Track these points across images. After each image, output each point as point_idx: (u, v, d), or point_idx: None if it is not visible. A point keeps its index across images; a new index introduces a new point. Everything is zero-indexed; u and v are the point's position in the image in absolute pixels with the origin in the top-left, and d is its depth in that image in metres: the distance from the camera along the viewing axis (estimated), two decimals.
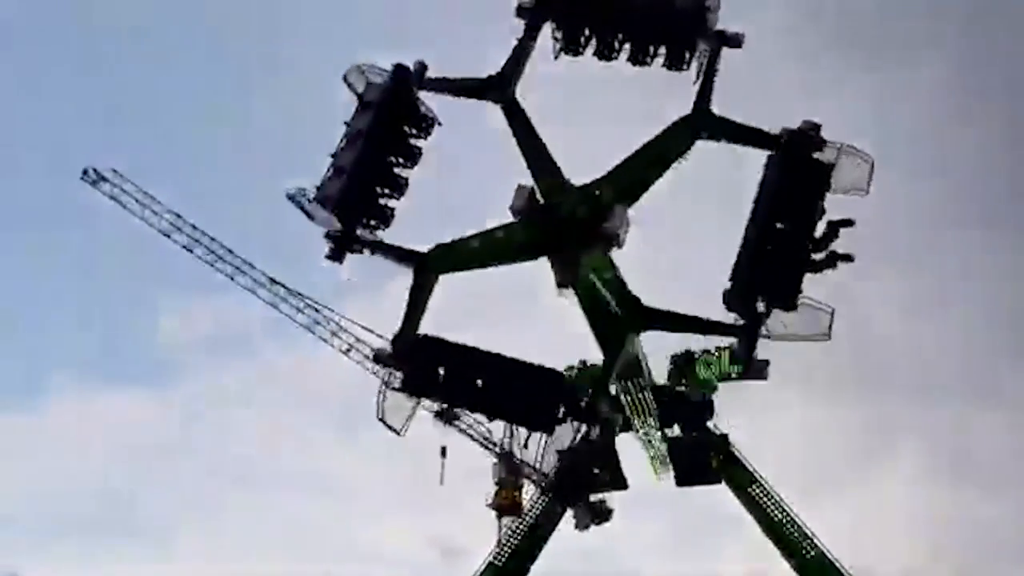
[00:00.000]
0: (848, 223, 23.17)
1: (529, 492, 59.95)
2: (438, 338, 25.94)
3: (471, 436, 66.08)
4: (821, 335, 22.00)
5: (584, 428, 25.42)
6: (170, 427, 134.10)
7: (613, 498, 50.53)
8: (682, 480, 24.27)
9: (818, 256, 22.60)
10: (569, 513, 57.28)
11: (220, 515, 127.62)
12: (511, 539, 24.20)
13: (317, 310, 59.75)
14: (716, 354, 24.72)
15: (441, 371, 25.60)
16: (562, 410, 24.00)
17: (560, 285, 24.56)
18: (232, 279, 56.86)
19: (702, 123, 26.12)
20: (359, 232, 25.76)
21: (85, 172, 50.43)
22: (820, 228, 23.10)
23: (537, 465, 61.85)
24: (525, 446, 65.48)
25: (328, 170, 26.04)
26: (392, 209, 26.92)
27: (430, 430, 64.70)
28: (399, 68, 26.55)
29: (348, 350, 60.70)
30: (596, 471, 25.06)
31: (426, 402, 64.61)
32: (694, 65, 26.94)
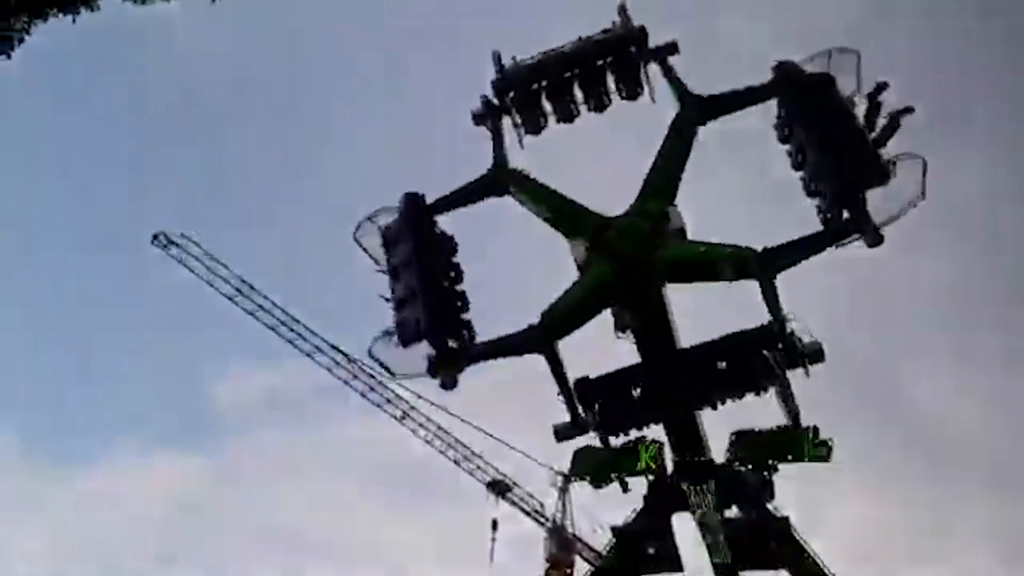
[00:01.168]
0: (908, 110, 23.38)
1: (581, 568, 58.74)
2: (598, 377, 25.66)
3: (522, 509, 65.21)
4: (917, 197, 22.37)
5: (641, 507, 24.75)
6: (223, 491, 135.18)
7: None
8: (740, 565, 23.41)
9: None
10: None
11: None
12: None
13: (373, 376, 60.03)
14: (779, 431, 24.10)
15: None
16: None
17: (620, 328, 24.67)
18: (292, 344, 57.65)
19: (695, 109, 27.08)
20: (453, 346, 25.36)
21: (155, 237, 52.02)
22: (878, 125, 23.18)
23: (590, 541, 60.88)
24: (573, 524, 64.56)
25: (395, 309, 25.89)
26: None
27: (481, 506, 64.24)
28: (410, 196, 27.96)
29: (403, 417, 60.79)
30: (651, 551, 24.25)
31: (478, 473, 64.48)
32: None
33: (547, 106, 29.30)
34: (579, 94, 29.01)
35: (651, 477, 24.72)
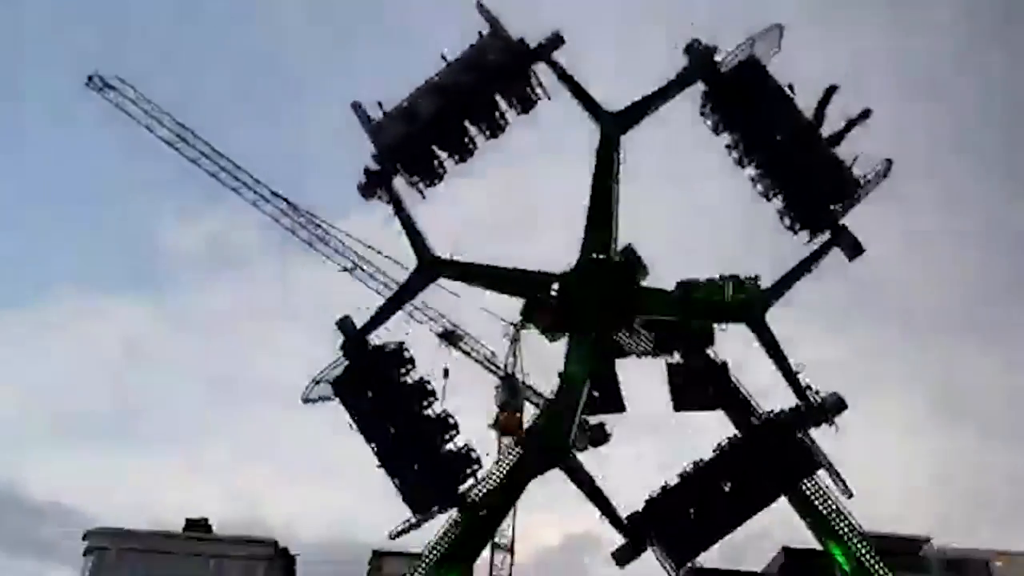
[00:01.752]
0: (865, 115, 22.20)
1: (530, 413, 60.67)
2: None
3: (474, 358, 66.54)
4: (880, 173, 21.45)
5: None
6: (166, 336, 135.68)
7: (612, 422, 51.24)
8: (680, 405, 24.17)
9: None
10: None
11: (210, 424, 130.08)
12: (507, 455, 24.27)
13: (319, 225, 59.49)
14: (721, 283, 24.46)
15: None
16: None
17: None
18: (237, 192, 56.62)
19: (612, 126, 25.51)
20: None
21: (90, 79, 49.75)
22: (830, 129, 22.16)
23: (539, 389, 62.64)
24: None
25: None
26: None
27: (432, 352, 65.36)
28: (346, 330, 26.44)
29: (352, 268, 60.68)
30: (596, 394, 24.95)
31: (434, 325, 65.21)
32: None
33: (440, 152, 26.88)
34: (471, 128, 26.53)
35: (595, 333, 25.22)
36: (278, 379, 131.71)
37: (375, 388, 24.87)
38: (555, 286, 24.30)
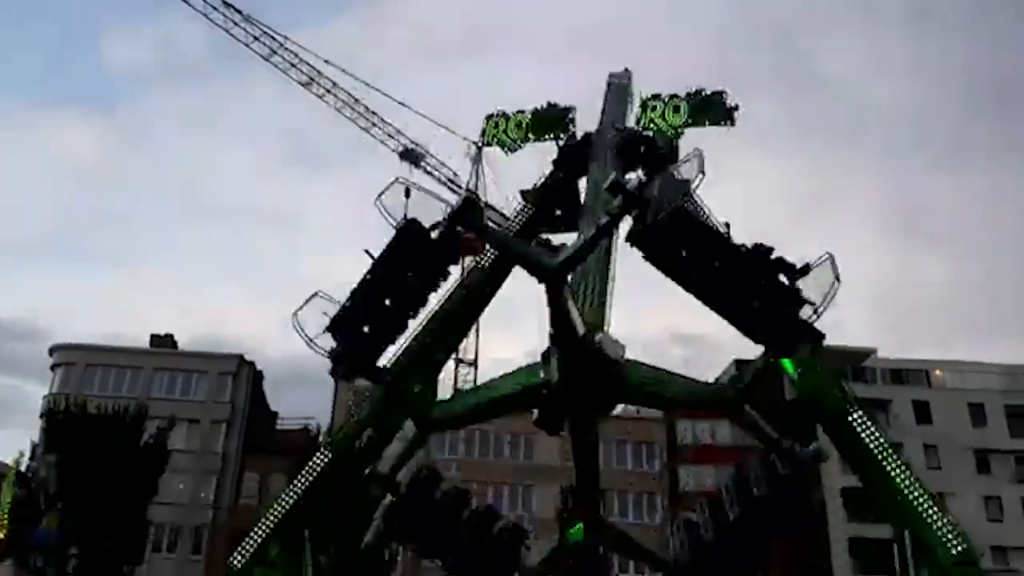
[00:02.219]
0: (805, 271, 19.03)
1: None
2: None
3: (437, 177, 66.16)
4: (835, 285, 19.40)
5: (550, 171, 24.97)
6: (117, 150, 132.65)
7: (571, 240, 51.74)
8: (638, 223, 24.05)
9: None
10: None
11: (169, 241, 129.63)
12: (469, 274, 24.38)
13: (273, 38, 57.31)
14: (685, 98, 23.97)
15: None
16: None
17: None
18: (186, 2, 54.02)
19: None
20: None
21: None
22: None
23: (502, 208, 62.72)
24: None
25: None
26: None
27: (393, 171, 64.75)
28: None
29: (308, 83, 58.99)
30: (558, 212, 24.81)
31: (394, 143, 64.10)
32: None
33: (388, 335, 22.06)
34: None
35: (561, 142, 24.85)
36: (235, 195, 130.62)
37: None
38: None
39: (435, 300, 22.63)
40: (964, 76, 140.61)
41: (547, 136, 24.56)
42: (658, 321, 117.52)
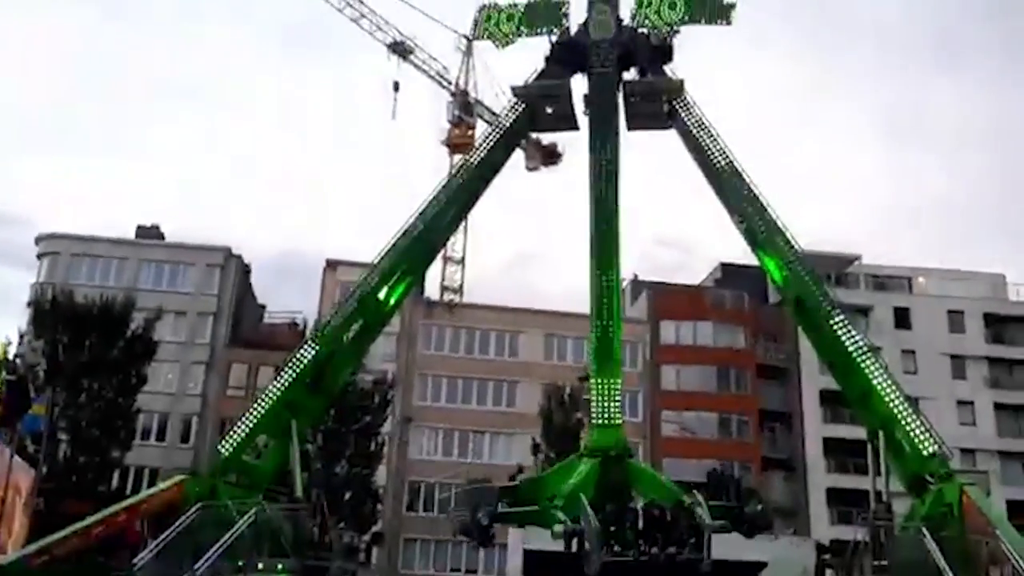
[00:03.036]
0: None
1: (481, 129, 60.30)
2: None
3: (426, 72, 64.85)
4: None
5: (541, 68, 24.51)
6: (103, 33, 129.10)
7: (564, 141, 51.25)
8: (633, 124, 23.93)
9: None
10: (521, 155, 59.03)
11: (155, 129, 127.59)
12: (460, 173, 24.26)
13: None
14: None
15: None
16: None
17: None
18: None
19: None
20: None
21: None
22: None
23: (491, 105, 61.81)
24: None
25: None
26: None
27: (382, 64, 63.42)
28: None
29: None
30: (549, 110, 24.51)
31: (379, 33, 62.61)
32: None
33: None
34: None
35: (554, 37, 24.29)
36: (227, 83, 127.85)
37: None
38: None
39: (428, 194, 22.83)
40: None
41: (540, 30, 24.06)
42: (642, 226, 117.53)
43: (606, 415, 21.30)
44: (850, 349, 19.94)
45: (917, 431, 18.63)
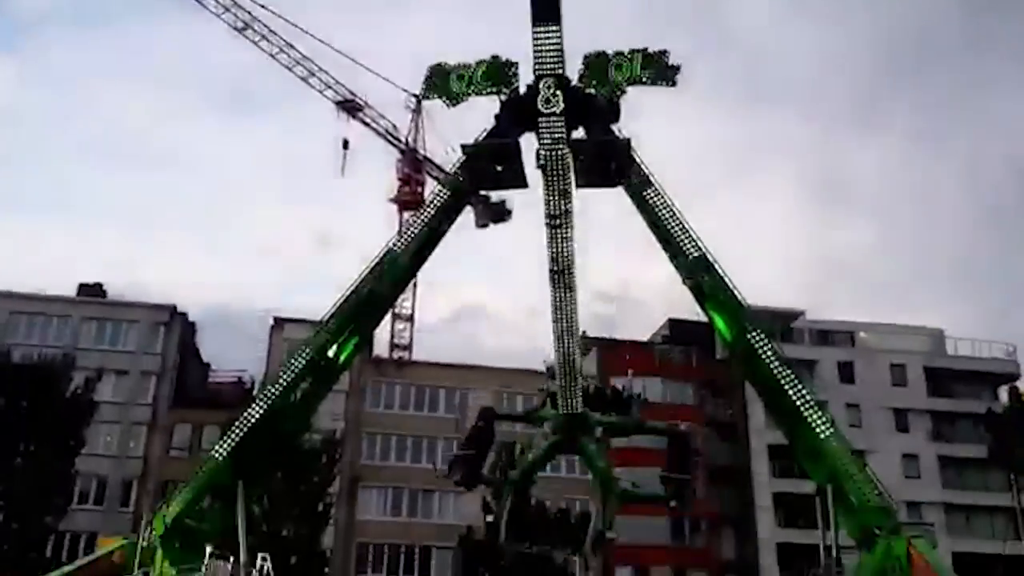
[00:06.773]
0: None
1: (430, 187, 60.48)
2: None
3: (375, 129, 65.14)
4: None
5: (492, 127, 24.68)
6: (38, 98, 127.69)
7: (513, 199, 51.62)
8: (581, 181, 24.18)
9: None
10: (469, 212, 59.22)
11: (95, 187, 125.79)
12: (409, 230, 24.24)
13: None
14: (629, 56, 23.80)
15: None
16: None
17: None
18: None
19: None
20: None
21: None
22: None
23: (440, 162, 62.17)
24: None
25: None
26: None
27: (331, 123, 63.58)
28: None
29: (243, 28, 57.36)
30: (499, 169, 24.56)
31: (328, 92, 62.81)
32: None
33: None
34: None
35: (504, 97, 24.54)
36: (152, 142, 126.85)
37: None
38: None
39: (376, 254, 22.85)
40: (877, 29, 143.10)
41: (490, 90, 24.34)
42: (584, 281, 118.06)
43: None
44: (798, 404, 20.18)
45: (864, 485, 18.84)
